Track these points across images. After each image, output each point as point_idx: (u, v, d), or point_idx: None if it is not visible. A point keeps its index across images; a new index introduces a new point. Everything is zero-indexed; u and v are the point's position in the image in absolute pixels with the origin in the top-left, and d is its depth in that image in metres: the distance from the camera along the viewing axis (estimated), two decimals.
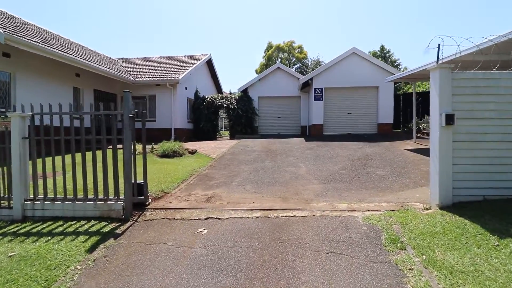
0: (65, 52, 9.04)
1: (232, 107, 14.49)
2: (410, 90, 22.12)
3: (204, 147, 10.02)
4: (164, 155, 7.54)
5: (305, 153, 8.39)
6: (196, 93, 15.45)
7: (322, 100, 12.36)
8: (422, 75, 9.19)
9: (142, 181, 4.05)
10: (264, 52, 34.49)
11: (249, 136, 13.71)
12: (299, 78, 13.93)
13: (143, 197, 4.03)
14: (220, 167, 6.90)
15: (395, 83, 12.44)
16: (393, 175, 5.81)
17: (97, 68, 10.14)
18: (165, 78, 12.46)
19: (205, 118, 14.68)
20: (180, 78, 12.28)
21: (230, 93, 21.90)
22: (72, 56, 9.13)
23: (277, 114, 15.39)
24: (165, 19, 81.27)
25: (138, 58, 16.98)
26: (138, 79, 12.70)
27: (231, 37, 75.92)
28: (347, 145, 9.51)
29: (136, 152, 7.76)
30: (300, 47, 32.88)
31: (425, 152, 7.85)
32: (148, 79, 12.62)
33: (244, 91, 15.34)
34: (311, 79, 12.53)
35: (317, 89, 12.34)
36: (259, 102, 15.39)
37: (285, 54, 33.01)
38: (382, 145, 9.32)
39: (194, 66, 14.19)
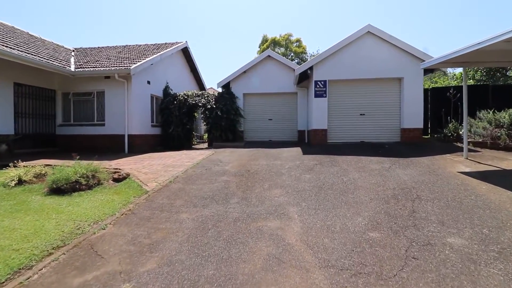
0: None
1: (209, 106, 11.28)
2: (425, 85, 18.90)
3: (151, 165, 6.82)
4: (57, 189, 4.33)
5: (301, 180, 5.19)
6: (166, 89, 12.25)
7: (325, 96, 9.15)
8: (486, 56, 6.00)
9: None
10: (259, 47, 31.29)
11: (230, 145, 10.52)
12: (295, 70, 10.73)
13: None
14: (141, 219, 3.69)
15: (424, 73, 9.23)
16: (491, 252, 2.64)
17: (5, 53, 6.92)
18: (113, 68, 9.24)
19: (175, 121, 11.47)
20: (132, 67, 9.05)
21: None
22: None
23: (267, 115, 12.19)
24: (147, 11, 78.25)
25: (98, 47, 13.79)
26: (79, 69, 9.49)
27: (222, 33, 72.83)
28: (364, 162, 6.31)
29: (9, 183, 4.59)
30: (298, 40, 29.65)
31: (504, 180, 4.63)
32: (92, 69, 9.39)
33: (226, 87, 12.14)
34: (311, 68, 9.32)
35: (318, 82, 9.14)
36: (245, 100, 12.19)
37: (282, 49, 29.78)
38: (418, 162, 6.13)
39: (159, 54, 10.97)
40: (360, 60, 9.05)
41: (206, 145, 12.81)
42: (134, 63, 9.53)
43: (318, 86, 9.10)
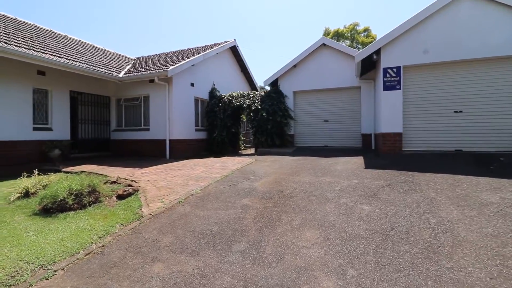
0: None
1: (254, 107, 10.07)
2: None
3: (175, 176, 5.92)
4: (43, 208, 3.72)
5: (355, 215, 3.36)
6: (213, 91, 11.62)
7: (399, 88, 6.76)
8: None
9: None
10: None
11: (276, 151, 9.04)
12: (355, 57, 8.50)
13: None
14: (102, 266, 2.61)
15: None
16: None
17: (48, 61, 7.22)
18: (153, 72, 8.96)
19: (220, 125, 10.69)
20: (169, 69, 8.55)
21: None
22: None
23: (323, 116, 10.22)
24: (198, 10, 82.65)
25: (155, 54, 14.30)
26: (126, 75, 9.57)
27: (280, 33, 71.44)
28: (467, 188, 3.96)
29: (13, 195, 4.16)
30: (366, 29, 25.91)
31: None
32: (135, 74, 9.34)
33: (274, 84, 10.73)
34: (378, 52, 7.04)
35: (389, 70, 6.81)
36: (296, 99, 10.52)
37: (347, 41, 26.57)
38: None
39: (201, 54, 10.36)
40: (454, 33, 6.34)
41: (253, 150, 11.66)
42: (174, 65, 9.07)
43: (388, 75, 6.78)
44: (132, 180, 5.47)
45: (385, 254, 2.48)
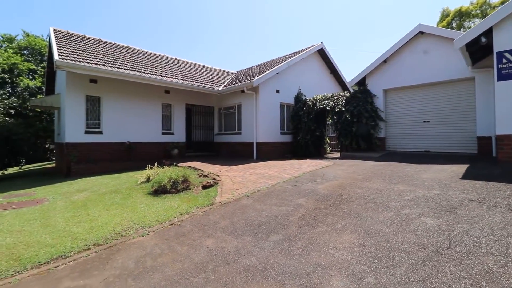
0: (136, 71, 9.06)
1: (337, 109, 9.76)
2: None
3: (251, 175, 6.68)
4: (154, 190, 5.17)
5: (411, 227, 3.03)
6: (298, 96, 11.99)
7: None
8: None
9: None
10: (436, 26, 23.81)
11: (361, 155, 8.47)
12: (454, 42, 6.79)
13: None
14: (177, 234, 3.53)
15: None
16: None
17: (169, 82, 9.64)
18: (242, 83, 10.22)
19: (304, 128, 10.95)
20: (255, 80, 9.54)
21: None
22: (142, 74, 9.01)
23: (422, 115, 8.72)
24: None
25: (251, 66, 16.03)
26: (223, 88, 11.34)
27: (390, 25, 62.36)
28: None
29: (139, 180, 5.96)
30: (505, 1, 19.50)
31: None
32: (229, 87, 10.92)
33: (361, 84, 10.00)
34: (489, 32, 5.48)
35: (505, 54, 5.18)
36: (387, 98, 9.43)
37: (477, 20, 20.86)
38: None
39: (285, 62, 10.92)
40: None
41: (339, 154, 11.25)
42: (259, 76, 10.06)
43: (504, 61, 5.19)
44: (217, 175, 6.62)
45: (420, 271, 2.23)
